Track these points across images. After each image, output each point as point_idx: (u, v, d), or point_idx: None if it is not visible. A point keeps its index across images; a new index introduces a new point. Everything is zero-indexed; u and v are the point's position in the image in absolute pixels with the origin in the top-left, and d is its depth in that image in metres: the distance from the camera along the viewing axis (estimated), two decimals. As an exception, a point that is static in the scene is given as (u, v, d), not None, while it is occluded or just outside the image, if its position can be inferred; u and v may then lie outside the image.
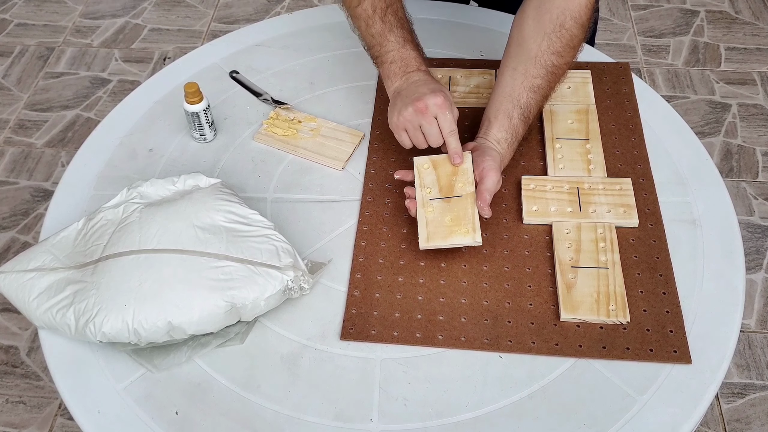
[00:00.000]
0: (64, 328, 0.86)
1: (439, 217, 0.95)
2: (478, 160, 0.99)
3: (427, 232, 0.94)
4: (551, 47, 0.99)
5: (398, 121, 0.99)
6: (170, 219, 0.90)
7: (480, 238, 0.93)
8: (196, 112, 1.09)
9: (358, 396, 0.85)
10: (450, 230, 0.94)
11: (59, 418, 1.61)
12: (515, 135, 1.02)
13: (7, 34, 2.55)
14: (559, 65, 1.01)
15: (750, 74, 2.32)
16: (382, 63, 1.04)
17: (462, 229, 0.93)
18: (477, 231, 0.93)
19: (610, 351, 0.87)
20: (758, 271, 1.83)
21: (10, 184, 2.08)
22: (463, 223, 0.94)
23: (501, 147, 1.01)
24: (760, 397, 1.62)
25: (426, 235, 0.94)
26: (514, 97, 1.01)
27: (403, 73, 1.02)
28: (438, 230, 0.94)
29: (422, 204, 0.97)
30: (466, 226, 0.94)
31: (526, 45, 1.01)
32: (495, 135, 1.01)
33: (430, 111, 0.96)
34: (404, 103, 0.98)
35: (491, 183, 0.97)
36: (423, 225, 0.95)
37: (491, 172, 0.97)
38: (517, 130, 1.02)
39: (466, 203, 0.96)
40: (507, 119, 1.01)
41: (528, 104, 1.01)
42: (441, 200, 0.97)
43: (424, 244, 0.94)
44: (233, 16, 2.60)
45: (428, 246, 0.94)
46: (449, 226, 0.94)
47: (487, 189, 0.96)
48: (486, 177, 0.97)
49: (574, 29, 0.99)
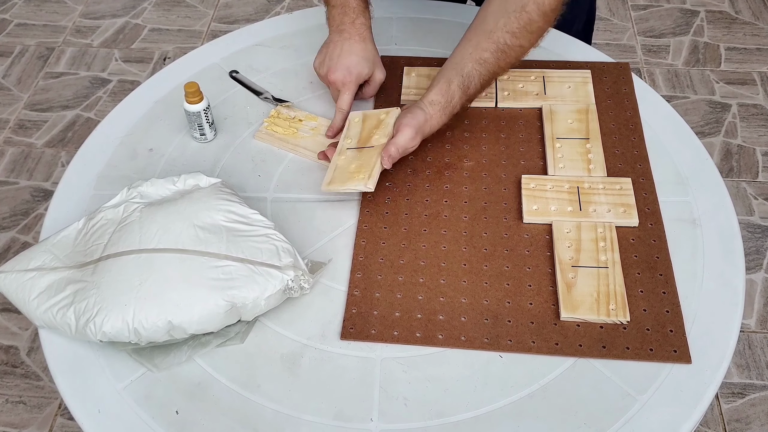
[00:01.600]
0: (65, 327, 0.86)
1: (347, 164, 1.00)
2: (400, 117, 1.03)
3: (331, 176, 0.99)
4: (507, 26, 1.01)
5: (317, 70, 1.14)
6: (170, 219, 0.90)
7: (373, 185, 0.97)
8: (196, 112, 1.09)
9: (358, 395, 0.85)
10: (350, 176, 0.98)
11: (59, 418, 1.61)
12: (449, 100, 1.03)
13: (7, 34, 2.55)
14: (512, 45, 1.02)
15: (750, 74, 2.32)
16: (326, 5, 1.14)
17: (360, 176, 0.97)
18: (372, 179, 0.97)
19: (610, 350, 0.87)
20: (758, 271, 1.83)
21: (10, 184, 2.08)
22: (363, 170, 0.98)
23: (431, 109, 1.03)
24: (760, 397, 1.62)
25: (329, 179, 0.99)
26: (460, 65, 1.04)
27: (339, 23, 1.11)
28: (341, 176, 0.99)
29: (339, 152, 1.03)
30: (365, 173, 0.97)
31: (485, 20, 1.04)
32: (430, 97, 1.04)
33: (335, 86, 1.11)
34: (324, 61, 1.11)
35: (402, 138, 1.00)
36: (331, 170, 1.01)
37: (406, 129, 1.01)
38: (453, 96, 1.03)
39: (373, 152, 1.00)
40: (446, 84, 1.04)
41: (470, 74, 1.03)
42: (355, 150, 1.02)
43: (325, 187, 0.99)
44: (233, 16, 2.60)
45: (328, 189, 0.99)
46: (352, 173, 0.98)
47: (394, 143, 1.00)
48: (399, 132, 1.01)
49: (533, 14, 1.00)
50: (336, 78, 1.09)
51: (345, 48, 1.10)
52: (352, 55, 1.10)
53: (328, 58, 1.11)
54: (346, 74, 1.09)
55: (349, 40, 1.10)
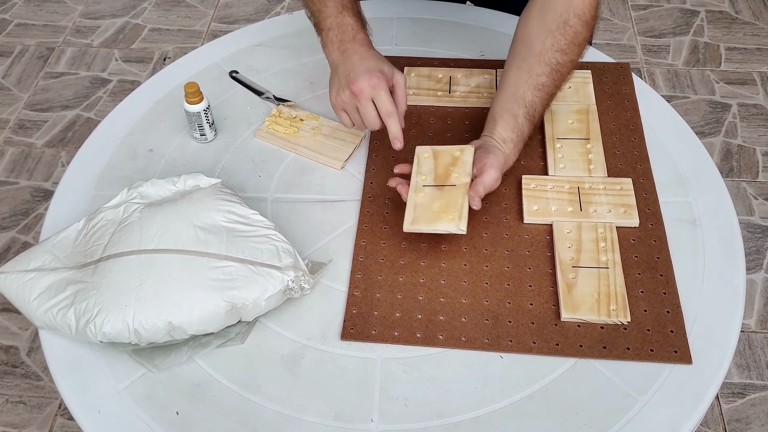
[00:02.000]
0: (65, 328, 0.86)
1: (429, 202, 0.95)
2: (480, 156, 0.99)
3: (413, 215, 0.94)
4: (555, 45, 0.99)
5: (336, 101, 1.01)
6: (170, 219, 0.90)
7: (465, 227, 0.92)
8: (196, 112, 1.09)
9: (358, 396, 0.85)
10: (436, 216, 0.93)
11: (59, 418, 1.61)
12: (520, 134, 1.01)
13: (7, 34, 2.55)
14: (564, 63, 1.01)
15: (750, 74, 2.32)
16: (320, 30, 1.05)
17: (448, 216, 0.93)
18: (463, 219, 0.92)
19: (610, 351, 0.87)
20: (758, 271, 1.83)
21: (10, 184, 2.08)
22: (450, 210, 0.93)
23: (506, 147, 1.00)
24: (760, 397, 1.62)
25: (412, 218, 0.94)
26: (518, 95, 1.01)
27: (339, 43, 1.02)
28: (424, 215, 0.94)
29: (415, 189, 0.97)
30: (453, 213, 0.93)
31: (530, 43, 1.01)
32: (500, 134, 1.01)
33: (365, 94, 0.97)
34: (341, 83, 1.00)
35: (489, 178, 0.96)
36: (411, 208, 0.95)
37: (491, 169, 0.97)
38: (523, 129, 1.01)
39: (457, 192, 0.95)
40: (512, 118, 1.00)
41: (533, 103, 1.01)
42: (434, 187, 0.97)
43: (409, 226, 0.93)
44: (233, 16, 2.60)
45: (412, 229, 0.93)
46: (436, 213, 0.94)
47: (482, 182, 0.96)
48: (485, 173, 0.96)
49: (578, 26, 0.99)
50: (362, 85, 0.97)
51: (354, 59, 1.00)
52: (365, 60, 1.00)
53: (343, 78, 0.99)
54: (370, 76, 0.97)
55: (354, 53, 1.01)
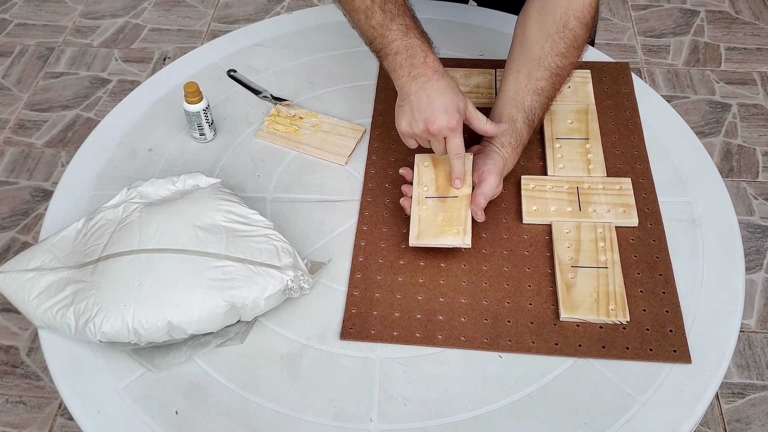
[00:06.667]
0: (64, 327, 0.86)
1: (432, 216, 0.95)
2: (479, 162, 0.98)
3: (418, 229, 0.95)
4: (555, 48, 0.99)
5: (407, 131, 0.97)
6: (170, 219, 0.90)
7: (469, 241, 0.93)
8: (195, 112, 1.09)
9: (357, 396, 0.85)
10: (441, 230, 0.94)
11: (59, 418, 1.61)
12: (519, 139, 1.01)
13: (7, 34, 2.55)
14: (563, 66, 1.00)
15: (750, 74, 2.32)
16: (386, 55, 0.98)
17: (453, 230, 0.93)
18: (467, 234, 0.93)
19: (609, 351, 0.87)
20: (758, 271, 1.83)
21: (10, 184, 2.08)
22: (455, 224, 0.94)
23: (505, 151, 1.00)
24: (760, 397, 1.62)
25: (417, 233, 0.94)
26: (518, 100, 1.01)
27: (410, 68, 0.95)
28: (429, 229, 0.94)
29: (417, 201, 0.97)
30: (457, 227, 0.94)
31: (529, 47, 1.00)
32: (499, 138, 1.00)
33: (440, 134, 0.94)
34: (415, 117, 0.95)
35: (488, 187, 0.96)
36: (415, 222, 0.95)
37: (490, 177, 0.96)
38: (522, 133, 1.01)
39: (460, 204, 0.96)
40: (511, 123, 1.00)
41: (532, 107, 1.01)
42: (436, 199, 0.97)
43: (414, 241, 0.94)
44: (233, 16, 2.60)
45: (417, 244, 0.94)
46: (441, 226, 0.94)
47: (482, 193, 0.95)
48: (484, 181, 0.96)
49: (577, 29, 0.98)
50: (440, 126, 0.93)
51: (431, 92, 0.94)
52: (443, 96, 0.94)
53: (417, 111, 0.94)
54: (449, 118, 0.93)
55: (429, 82, 0.95)
